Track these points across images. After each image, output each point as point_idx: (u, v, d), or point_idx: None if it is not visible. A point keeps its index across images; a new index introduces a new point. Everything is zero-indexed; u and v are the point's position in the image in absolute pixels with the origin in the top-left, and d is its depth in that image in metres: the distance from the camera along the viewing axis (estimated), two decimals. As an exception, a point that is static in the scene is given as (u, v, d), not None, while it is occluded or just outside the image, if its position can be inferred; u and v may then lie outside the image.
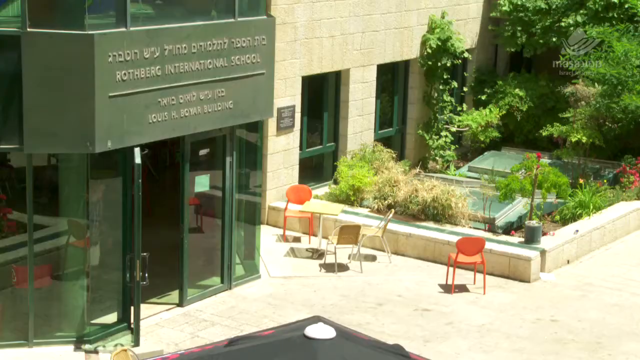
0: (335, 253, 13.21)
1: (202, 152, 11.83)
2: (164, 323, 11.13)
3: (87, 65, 9.71)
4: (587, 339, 11.21)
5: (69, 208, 10.46)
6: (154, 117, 10.50)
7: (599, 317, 11.85)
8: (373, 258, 13.73)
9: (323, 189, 15.72)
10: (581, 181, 15.65)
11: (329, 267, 13.23)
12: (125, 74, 10.06)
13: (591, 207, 14.82)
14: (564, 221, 14.76)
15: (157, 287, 11.52)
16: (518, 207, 14.87)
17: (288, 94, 15.00)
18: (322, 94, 16.19)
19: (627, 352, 10.85)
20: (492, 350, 10.73)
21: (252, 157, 12.41)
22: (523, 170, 14.23)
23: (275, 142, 14.93)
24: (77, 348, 10.33)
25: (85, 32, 9.70)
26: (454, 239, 13.18)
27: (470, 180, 16.29)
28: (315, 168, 16.44)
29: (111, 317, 10.84)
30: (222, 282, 12.18)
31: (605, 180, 16.16)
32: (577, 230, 14.13)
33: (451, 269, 12.67)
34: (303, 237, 14.36)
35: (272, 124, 14.70)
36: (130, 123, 10.21)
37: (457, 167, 17.63)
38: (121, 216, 10.60)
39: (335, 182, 15.65)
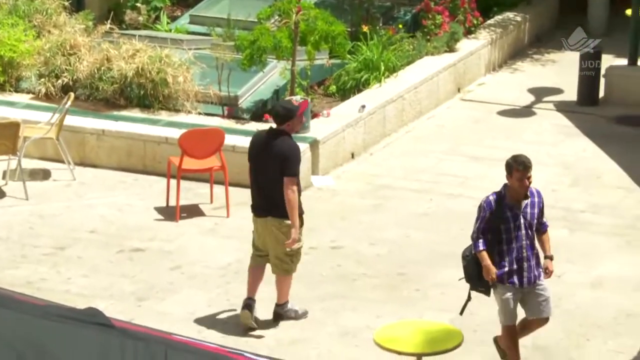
0: (-20, 171, 13.02)
1: None
2: None
3: None
4: (385, 270, 11.74)
5: None
6: None
7: (401, 235, 12.46)
8: (45, 175, 13.78)
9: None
10: (365, 29, 16.18)
11: (-28, 196, 13.10)
12: None
13: (382, 68, 15.43)
14: (344, 93, 15.32)
15: None
16: (272, 76, 15.17)
17: None
18: None
19: (442, 284, 11.40)
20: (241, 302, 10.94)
21: None
22: (277, 18, 14.42)
23: None
24: None
25: None
26: (176, 133, 13.37)
27: (195, 38, 16.46)
28: None
29: None
30: None
31: (400, 25, 16.85)
32: (363, 106, 14.68)
33: (174, 181, 12.78)
34: None
35: None
36: None
37: (173, 18, 17.70)
38: None
39: (-28, 54, 15.25)
